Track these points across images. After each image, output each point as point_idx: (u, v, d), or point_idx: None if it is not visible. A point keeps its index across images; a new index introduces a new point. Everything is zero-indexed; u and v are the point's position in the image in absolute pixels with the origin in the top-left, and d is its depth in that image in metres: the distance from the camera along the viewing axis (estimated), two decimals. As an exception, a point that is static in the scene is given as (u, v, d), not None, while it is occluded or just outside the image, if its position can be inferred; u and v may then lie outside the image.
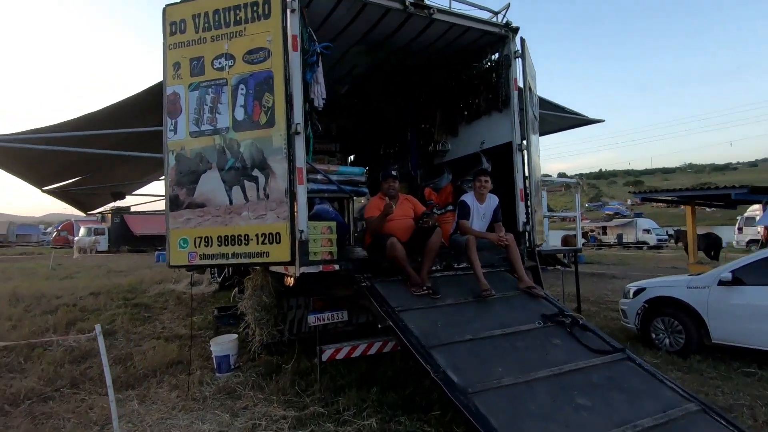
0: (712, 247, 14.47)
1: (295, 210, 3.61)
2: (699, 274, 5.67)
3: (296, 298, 5.17)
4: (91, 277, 14.40)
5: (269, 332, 4.60)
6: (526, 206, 4.93)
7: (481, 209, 4.30)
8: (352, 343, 3.84)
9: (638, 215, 40.14)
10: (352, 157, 8.55)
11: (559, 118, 6.60)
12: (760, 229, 25.86)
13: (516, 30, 4.93)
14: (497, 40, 5.09)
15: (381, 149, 7.58)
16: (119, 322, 7.57)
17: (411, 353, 2.99)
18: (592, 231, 36.98)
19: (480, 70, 5.40)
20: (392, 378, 4.54)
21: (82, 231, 33.56)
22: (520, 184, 4.91)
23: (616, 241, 34.60)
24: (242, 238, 3.71)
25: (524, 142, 4.90)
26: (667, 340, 5.49)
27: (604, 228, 37.34)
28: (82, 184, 6.95)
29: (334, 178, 4.05)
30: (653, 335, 5.64)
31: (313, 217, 3.94)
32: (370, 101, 7.22)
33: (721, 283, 5.10)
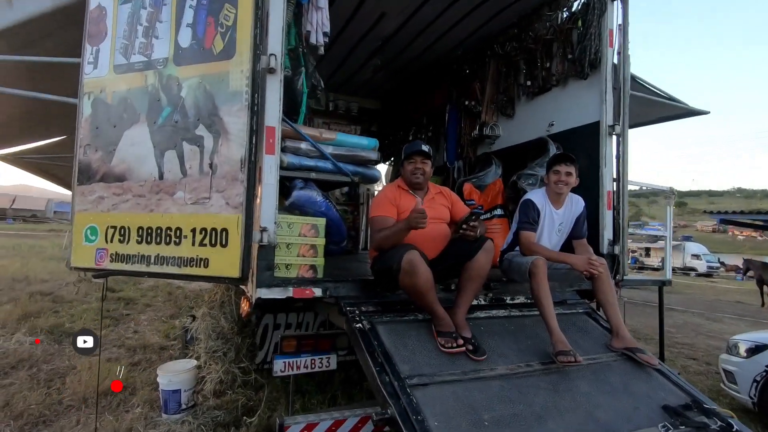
0: (790, 283, 12.23)
1: (258, 194, 2.20)
2: None
3: (278, 314, 3.78)
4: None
5: (227, 368, 3.21)
6: (614, 218, 3.35)
7: (557, 216, 2.75)
8: (336, 413, 2.35)
9: (687, 238, 36.90)
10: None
11: (651, 105, 4.92)
12: (835, 265, 22.88)
13: (618, -42, 3.37)
14: (586, -25, 3.53)
15: (410, 135, 6.10)
16: (83, 321, 6.37)
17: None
18: (634, 252, 34.15)
19: (555, 21, 3.84)
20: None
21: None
22: (608, 185, 3.33)
23: (660, 264, 31.74)
24: (172, 234, 2.32)
25: (618, 125, 3.32)
26: (803, 428, 3.77)
27: (647, 249, 34.44)
28: (46, 152, 5.71)
29: (329, 150, 2.61)
30: (780, 416, 3.92)
31: (289, 208, 2.52)
32: (400, 73, 5.76)
33: None
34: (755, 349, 4.24)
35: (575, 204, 2.78)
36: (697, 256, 31.20)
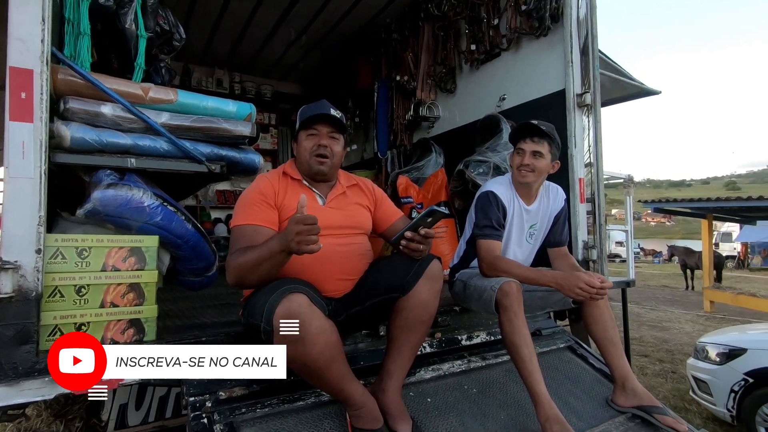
0: (715, 266, 12.84)
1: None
2: None
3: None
4: None
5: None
6: (590, 214, 2.62)
7: (529, 215, 1.91)
8: None
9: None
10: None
11: (610, 83, 4.32)
12: (737, 245, 25.22)
13: None
14: None
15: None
16: None
17: None
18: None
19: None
20: None
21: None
22: (579, 172, 2.59)
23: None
24: None
25: (588, 93, 2.58)
26: (791, 444, 3.31)
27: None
28: None
29: (163, 120, 1.54)
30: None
31: (86, 221, 1.43)
32: (319, 47, 4.78)
33: None
34: (729, 355, 3.75)
35: (553, 197, 1.95)
36: (620, 243, 33.24)
